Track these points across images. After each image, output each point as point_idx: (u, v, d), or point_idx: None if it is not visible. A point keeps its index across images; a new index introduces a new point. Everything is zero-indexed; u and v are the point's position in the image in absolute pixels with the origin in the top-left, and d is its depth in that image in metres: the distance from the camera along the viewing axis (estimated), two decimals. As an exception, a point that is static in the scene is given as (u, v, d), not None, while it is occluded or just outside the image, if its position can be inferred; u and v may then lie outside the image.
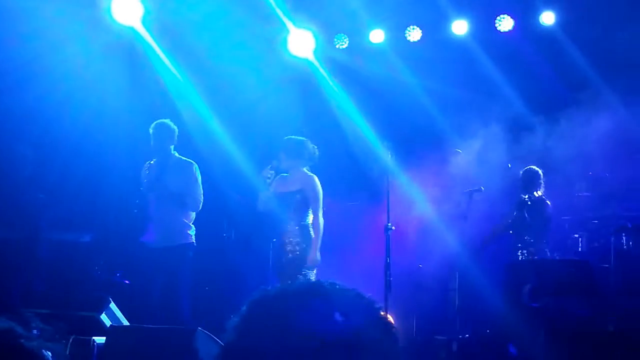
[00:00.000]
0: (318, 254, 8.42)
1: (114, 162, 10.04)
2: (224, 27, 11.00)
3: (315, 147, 8.76)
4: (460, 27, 11.10)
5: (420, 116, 11.29)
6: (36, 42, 10.09)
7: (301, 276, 8.25)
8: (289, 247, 8.40)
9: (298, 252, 8.37)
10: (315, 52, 11.47)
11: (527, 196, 9.71)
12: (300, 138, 8.72)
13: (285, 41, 11.36)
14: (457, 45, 11.21)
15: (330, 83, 11.59)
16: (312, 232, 8.44)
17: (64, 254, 9.61)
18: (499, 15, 10.94)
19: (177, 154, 8.87)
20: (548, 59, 11.00)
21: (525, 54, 11.07)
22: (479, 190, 9.97)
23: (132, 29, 10.84)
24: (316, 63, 11.53)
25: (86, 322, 7.60)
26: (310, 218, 8.48)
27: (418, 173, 10.70)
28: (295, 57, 11.44)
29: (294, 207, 8.42)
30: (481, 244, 10.22)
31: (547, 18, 10.92)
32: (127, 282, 10.04)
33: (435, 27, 11.27)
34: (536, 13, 10.94)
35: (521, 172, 9.96)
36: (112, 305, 7.81)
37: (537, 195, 9.79)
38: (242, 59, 11.30)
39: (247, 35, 11.18)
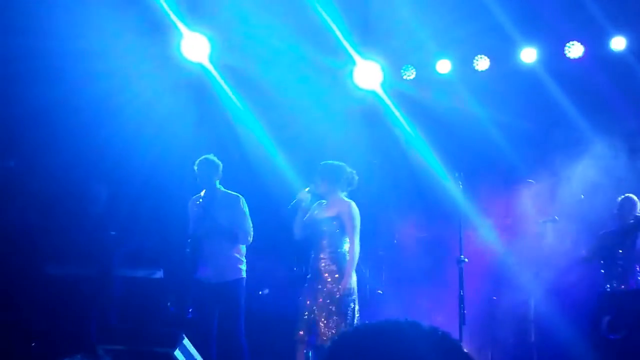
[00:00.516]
0: (352, 281, 8.06)
1: (183, 198, 10.08)
2: (290, 61, 11.06)
3: (354, 172, 8.48)
4: (529, 54, 10.91)
5: (489, 147, 11.11)
6: (108, 80, 10.28)
7: (338, 305, 7.97)
8: (325, 275, 8.10)
9: (334, 282, 8.05)
10: (382, 84, 11.43)
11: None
12: (338, 163, 8.43)
13: (351, 73, 11.36)
14: (525, 73, 11.01)
15: (398, 115, 11.53)
16: (347, 260, 8.11)
17: (137, 290, 9.67)
18: (568, 42, 10.74)
19: (222, 188, 8.85)
20: (619, 85, 10.73)
21: (596, 81, 10.81)
22: (554, 220, 9.77)
23: (200, 66, 11.01)
24: (383, 95, 11.49)
25: (160, 358, 7.61)
26: (346, 246, 8.16)
27: (490, 204, 10.57)
28: (361, 89, 11.42)
29: (329, 234, 8.13)
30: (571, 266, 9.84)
31: (618, 43, 10.68)
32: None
33: (503, 55, 11.10)
34: (606, 38, 10.69)
35: (619, 200, 9.64)
36: (186, 341, 7.80)
37: None
38: (309, 92, 11.34)
39: (313, 68, 11.21)
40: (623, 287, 9.27)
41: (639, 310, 8.75)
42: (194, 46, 10.85)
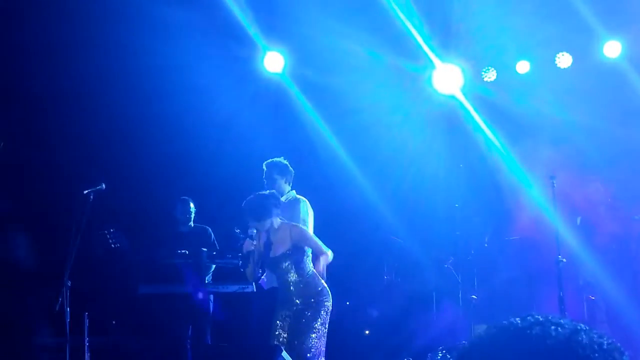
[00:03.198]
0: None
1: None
2: (369, 65, 11.03)
3: (274, 191, 8.01)
4: (613, 48, 10.69)
5: (572, 148, 10.88)
6: (190, 95, 10.42)
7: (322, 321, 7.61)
8: (299, 300, 7.65)
9: (313, 304, 7.64)
10: (462, 87, 11.32)
11: None
12: (259, 194, 7.81)
13: (430, 78, 11.28)
14: (610, 68, 10.78)
15: (478, 118, 11.39)
16: (318, 276, 7.68)
17: (230, 305, 9.67)
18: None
19: (294, 193, 8.72)
20: None
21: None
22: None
23: (280, 76, 11.15)
24: (463, 99, 11.37)
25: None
26: (310, 264, 7.74)
27: (577, 202, 10.37)
28: (441, 93, 11.33)
29: (293, 265, 7.63)
30: None
31: None
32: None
33: (586, 51, 10.90)
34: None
35: None
36: (284, 354, 7.74)
37: None
38: (388, 97, 11.32)
39: (393, 73, 11.18)
40: None
41: None
42: (273, 59, 11.05)
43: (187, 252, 9.46)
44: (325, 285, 7.72)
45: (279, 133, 11.20)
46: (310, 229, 8.36)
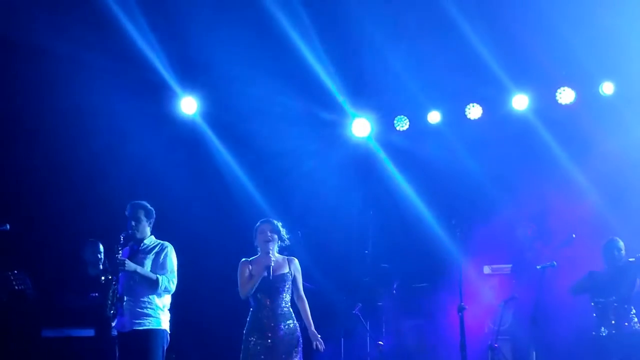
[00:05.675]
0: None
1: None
2: (283, 113, 11.16)
3: None
4: (520, 101, 11.05)
5: (482, 195, 11.13)
6: (106, 137, 10.32)
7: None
8: (282, 333, 7.82)
9: (294, 338, 7.88)
10: (375, 136, 11.56)
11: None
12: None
13: (345, 126, 11.53)
14: (518, 120, 11.10)
15: (390, 166, 11.62)
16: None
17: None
18: (560, 88, 10.86)
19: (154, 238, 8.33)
20: (609, 129, 10.75)
21: (586, 125, 10.85)
22: (552, 265, 9.74)
23: (194, 121, 11.33)
24: (376, 147, 11.62)
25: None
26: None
27: (486, 252, 10.56)
28: (355, 141, 11.53)
29: (286, 290, 7.92)
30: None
31: (607, 88, 10.79)
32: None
33: (495, 103, 11.22)
34: (596, 84, 10.82)
35: (607, 242, 9.64)
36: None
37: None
38: (304, 145, 11.41)
39: (309, 122, 11.32)
40: (614, 331, 9.22)
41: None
42: (186, 104, 11.16)
43: (97, 295, 9.33)
44: None
45: (193, 177, 11.24)
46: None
